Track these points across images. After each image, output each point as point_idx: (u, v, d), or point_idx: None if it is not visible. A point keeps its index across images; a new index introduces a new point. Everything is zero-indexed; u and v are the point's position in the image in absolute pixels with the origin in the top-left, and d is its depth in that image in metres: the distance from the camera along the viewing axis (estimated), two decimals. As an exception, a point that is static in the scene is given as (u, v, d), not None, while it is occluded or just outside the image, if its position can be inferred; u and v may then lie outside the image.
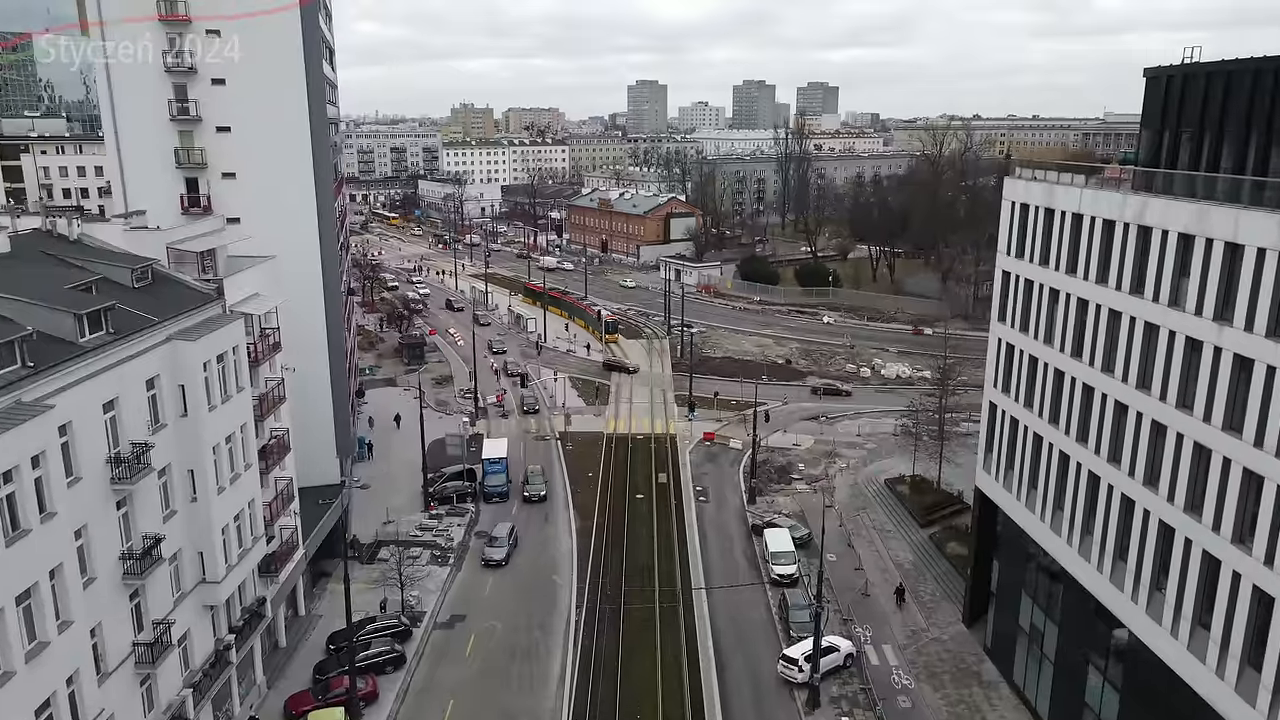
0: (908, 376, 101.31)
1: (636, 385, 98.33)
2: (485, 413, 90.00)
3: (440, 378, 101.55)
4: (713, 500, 70.47)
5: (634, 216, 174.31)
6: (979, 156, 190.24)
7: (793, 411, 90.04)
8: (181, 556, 37.76)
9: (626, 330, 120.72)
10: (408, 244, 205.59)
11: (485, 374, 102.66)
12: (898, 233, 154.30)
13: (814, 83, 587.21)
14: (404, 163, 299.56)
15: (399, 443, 79.86)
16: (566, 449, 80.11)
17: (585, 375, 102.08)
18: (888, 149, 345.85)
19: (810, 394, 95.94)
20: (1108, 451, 37.71)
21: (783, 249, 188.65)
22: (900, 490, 68.84)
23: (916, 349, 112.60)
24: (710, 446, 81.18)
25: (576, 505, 69.09)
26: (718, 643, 51.20)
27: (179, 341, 36.18)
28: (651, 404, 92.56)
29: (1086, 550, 39.25)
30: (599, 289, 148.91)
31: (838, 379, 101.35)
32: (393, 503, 68.64)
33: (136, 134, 53.25)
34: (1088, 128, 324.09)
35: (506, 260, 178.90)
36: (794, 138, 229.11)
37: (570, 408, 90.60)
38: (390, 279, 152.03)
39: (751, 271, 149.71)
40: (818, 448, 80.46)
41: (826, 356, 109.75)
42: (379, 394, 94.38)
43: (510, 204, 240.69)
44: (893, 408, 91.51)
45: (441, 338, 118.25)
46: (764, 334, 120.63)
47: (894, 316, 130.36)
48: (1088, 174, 42.69)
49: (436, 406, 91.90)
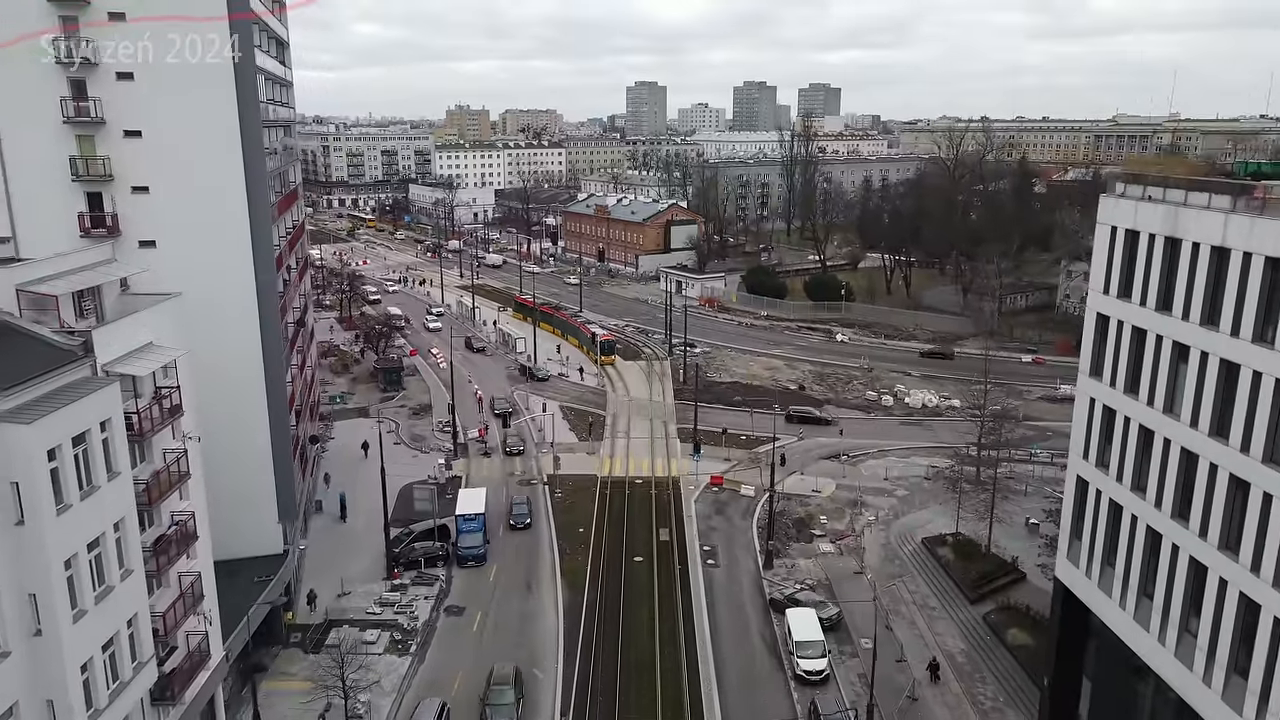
0: (935, 406, 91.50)
1: (635, 417, 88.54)
2: (465, 450, 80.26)
3: (418, 407, 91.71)
4: (723, 564, 60.69)
5: (632, 224, 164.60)
6: (998, 160, 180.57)
7: (809, 449, 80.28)
8: (19, 712, 28.01)
9: (624, 350, 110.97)
10: (396, 252, 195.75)
11: (468, 400, 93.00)
12: (910, 241, 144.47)
13: (816, 84, 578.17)
14: (395, 166, 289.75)
15: (365, 483, 70.14)
16: (555, 497, 70.34)
17: (578, 404, 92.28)
18: (894, 151, 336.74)
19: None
20: (1272, 572, 27.97)
21: (789, 257, 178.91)
22: (942, 554, 59.01)
23: (941, 372, 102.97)
24: (718, 493, 71.44)
25: (565, 571, 59.27)
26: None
27: (5, 425, 26.46)
28: (651, 439, 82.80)
29: (1235, 698, 29.48)
30: (595, 302, 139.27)
31: (858, 408, 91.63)
32: (351, 568, 58.84)
33: (20, 139, 43.50)
34: (1099, 129, 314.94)
35: (499, 270, 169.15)
36: (799, 140, 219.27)
37: (561, 444, 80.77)
38: (372, 291, 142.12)
39: (757, 283, 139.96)
40: (841, 494, 70.70)
41: (843, 381, 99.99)
42: (349, 428, 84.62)
43: (504, 209, 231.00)
44: (922, 444, 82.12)
45: (423, 359, 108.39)
46: (773, 354, 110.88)
47: (912, 334, 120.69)
48: (1216, 192, 32.87)
49: (411, 442, 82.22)
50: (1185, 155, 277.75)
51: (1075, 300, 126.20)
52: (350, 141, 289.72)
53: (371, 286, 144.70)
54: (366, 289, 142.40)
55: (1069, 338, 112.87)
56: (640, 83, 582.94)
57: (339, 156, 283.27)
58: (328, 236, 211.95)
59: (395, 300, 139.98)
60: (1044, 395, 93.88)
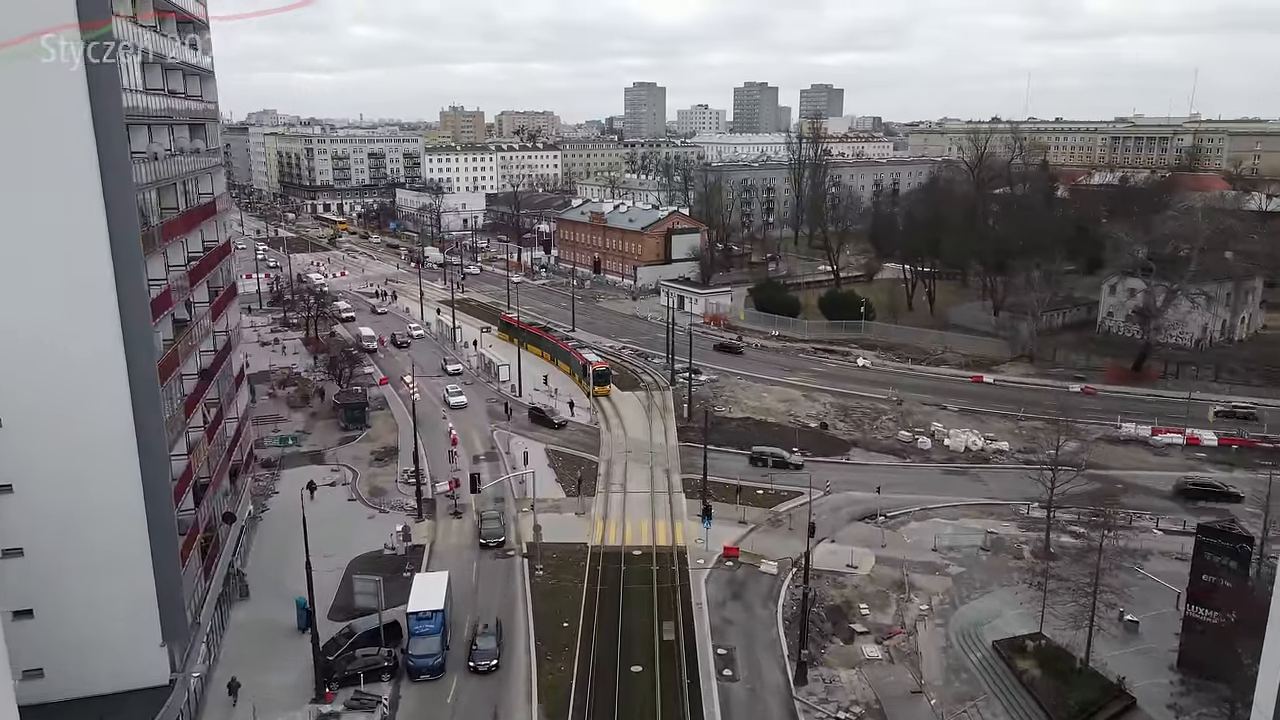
0: (980, 449, 79.05)
1: (633, 464, 76.11)
2: (432, 508, 67.86)
3: (382, 451, 79.23)
4: (743, 674, 48.21)
5: (630, 233, 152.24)
6: (1027, 164, 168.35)
7: (838, 506, 67.90)
8: None
9: (620, 377, 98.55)
10: (378, 262, 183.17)
11: (440, 440, 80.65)
12: (930, 251, 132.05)
13: (818, 84, 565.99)
14: (382, 170, 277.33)
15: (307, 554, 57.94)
16: (535, 576, 57.86)
17: (567, 447, 79.83)
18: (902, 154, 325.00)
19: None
20: None
21: (798, 268, 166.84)
22: (1024, 668, 46.41)
23: (981, 404, 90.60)
24: (733, 569, 59.01)
25: (544, 688, 46.86)
26: None
27: None
28: (652, 493, 70.38)
29: None
30: (590, 319, 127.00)
31: (891, 451, 79.21)
32: (273, 681, 46.43)
33: None
34: (1116, 131, 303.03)
35: (489, 281, 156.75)
36: (807, 142, 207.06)
37: (544, 500, 68.14)
38: (346, 309, 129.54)
39: (767, 299, 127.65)
40: (883, 571, 58.26)
41: (870, 417, 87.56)
42: (298, 478, 72.06)
43: (496, 215, 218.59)
44: (970, 499, 69.68)
45: (394, 389, 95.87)
46: (789, 382, 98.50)
47: (941, 357, 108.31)
48: None
49: (370, 498, 69.81)
50: (1208, 158, 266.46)
51: (1119, 318, 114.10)
52: (335, 144, 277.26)
53: (345, 303, 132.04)
54: (339, 305, 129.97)
55: (1119, 362, 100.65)
56: (639, 84, 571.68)
57: (324, 159, 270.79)
58: (306, 245, 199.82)
59: (373, 319, 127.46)
60: (1104, 435, 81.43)
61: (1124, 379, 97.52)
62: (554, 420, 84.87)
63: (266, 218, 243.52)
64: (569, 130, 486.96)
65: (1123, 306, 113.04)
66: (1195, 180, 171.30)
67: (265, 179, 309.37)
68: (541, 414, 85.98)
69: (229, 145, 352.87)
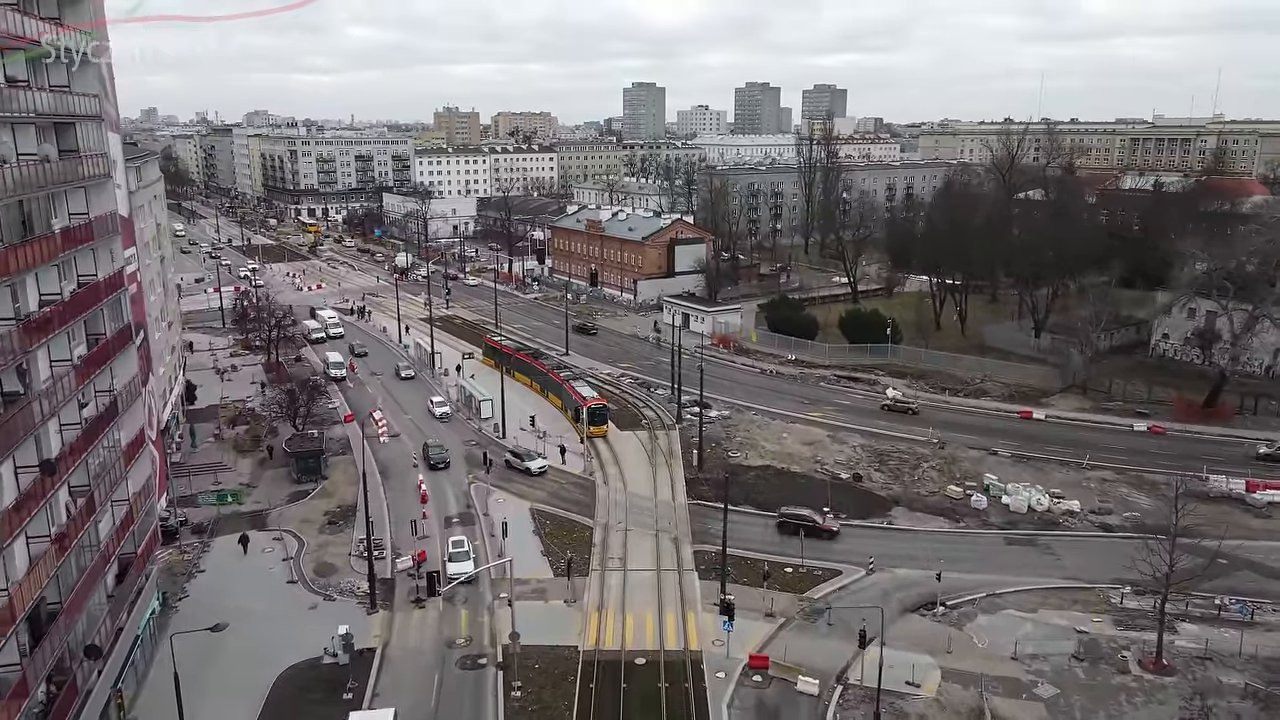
0: (1045, 509, 66.71)
1: (635, 529, 63.71)
2: (390, 593, 55.54)
3: (338, 511, 66.83)
4: None
5: (630, 243, 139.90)
6: (1063, 168, 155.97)
7: (886, 590, 55.54)
8: None
9: (619, 412, 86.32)
10: (359, 274, 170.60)
11: (408, 497, 68.52)
12: (953, 262, 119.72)
13: (820, 85, 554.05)
14: (370, 173, 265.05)
15: (234, 648, 45.88)
16: (512, 696, 45.52)
17: (557, 506, 67.52)
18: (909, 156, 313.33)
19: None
20: None
21: (811, 280, 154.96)
22: None
23: (1035, 447, 78.43)
24: (762, 685, 46.61)
25: None
26: None
27: None
28: (658, 571, 57.95)
29: None
30: (586, 340, 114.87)
31: (939, 512, 66.87)
32: None
33: None
34: (1135, 132, 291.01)
35: (478, 295, 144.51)
36: (819, 144, 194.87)
37: (526, 582, 55.71)
38: (315, 328, 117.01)
39: (781, 318, 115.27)
40: (952, 690, 45.91)
41: (910, 465, 75.24)
42: (227, 553, 59.91)
43: (487, 221, 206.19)
44: (1047, 580, 57.28)
45: (359, 428, 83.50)
46: (811, 419, 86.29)
47: (981, 387, 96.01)
48: None
49: (315, 579, 57.41)
50: (1233, 160, 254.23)
51: (1176, 341, 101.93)
52: (320, 146, 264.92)
53: (314, 322, 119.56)
54: (309, 325, 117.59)
55: (1186, 395, 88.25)
56: (638, 84, 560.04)
57: (308, 162, 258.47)
58: (284, 254, 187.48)
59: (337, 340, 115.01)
60: (1188, 490, 69.12)
61: (1194, 415, 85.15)
62: (531, 468, 72.53)
63: (245, 224, 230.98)
64: (567, 132, 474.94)
65: (1180, 328, 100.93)
66: (1237, 184, 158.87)
67: (250, 183, 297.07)
68: (517, 460, 73.90)
69: (213, 148, 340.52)
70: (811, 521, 62.15)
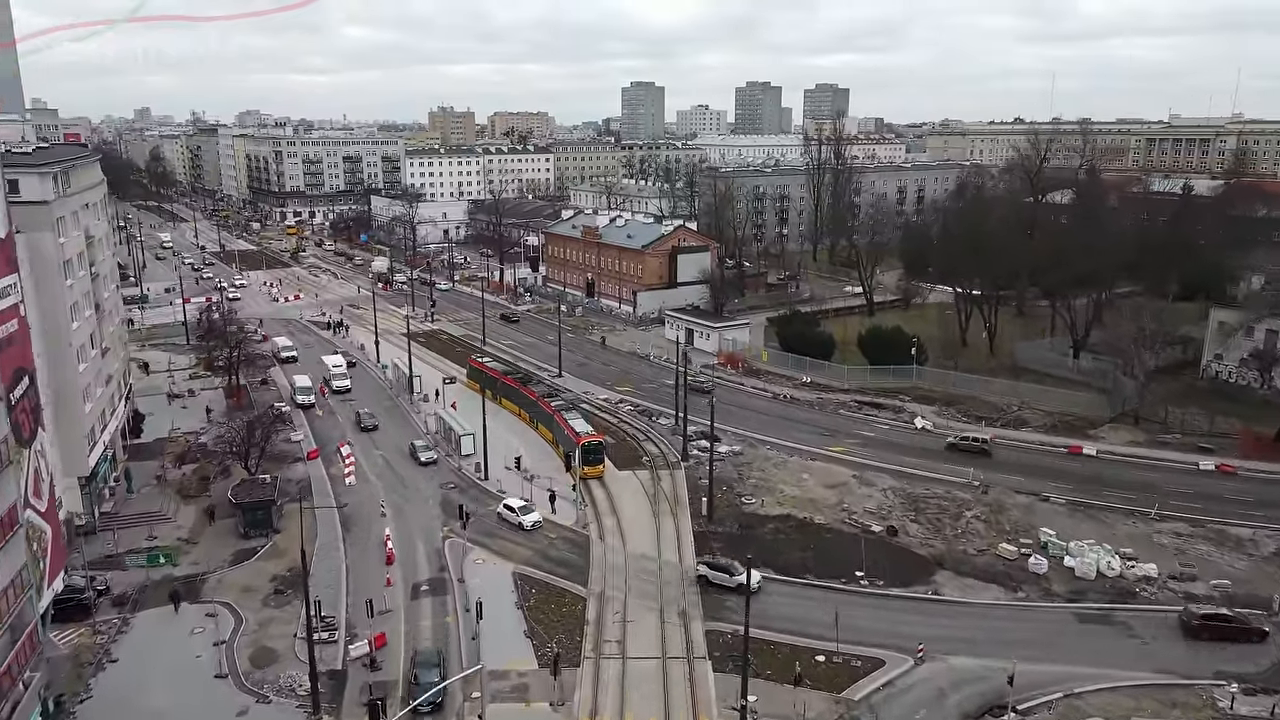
0: (1118, 573, 56.92)
1: (635, 600, 53.87)
2: (339, 692, 45.72)
3: (287, 577, 56.82)
4: None
5: (629, 251, 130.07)
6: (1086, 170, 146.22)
7: (941, 690, 45.69)
8: None
9: (618, 448, 76.58)
10: (340, 282, 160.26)
11: (372, 555, 58.77)
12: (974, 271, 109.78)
13: (823, 84, 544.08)
14: (359, 174, 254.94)
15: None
16: None
17: (542, 570, 57.60)
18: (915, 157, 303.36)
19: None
20: None
21: (820, 289, 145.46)
22: None
23: (1091, 491, 68.73)
24: (799, 832, 36.97)
25: None
26: None
27: None
28: (664, 659, 48.13)
29: None
30: (581, 359, 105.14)
31: (991, 578, 56.95)
32: None
33: None
34: (1151, 132, 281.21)
35: (467, 307, 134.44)
36: (827, 144, 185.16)
37: (506, 675, 45.99)
38: (286, 347, 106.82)
39: (794, 335, 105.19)
40: (1038, 840, 36.26)
41: (950, 514, 65.38)
42: (156, 623, 50.20)
43: (480, 225, 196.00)
44: (1132, 673, 47.39)
45: (324, 467, 73.68)
46: (833, 455, 76.50)
47: (1019, 416, 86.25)
48: None
49: (248, 675, 47.40)
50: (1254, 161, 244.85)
51: (1231, 362, 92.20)
52: (307, 146, 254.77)
53: (285, 339, 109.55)
54: (279, 342, 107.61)
55: (1256, 427, 78.40)
56: (636, 83, 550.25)
57: (294, 163, 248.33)
58: (264, 261, 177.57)
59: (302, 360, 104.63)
60: (1278, 550, 59.47)
61: (1266, 451, 75.40)
62: (525, 524, 62.79)
63: (226, 228, 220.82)
64: (564, 132, 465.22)
65: (1236, 347, 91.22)
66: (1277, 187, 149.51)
67: (235, 185, 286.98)
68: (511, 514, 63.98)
69: (200, 148, 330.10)
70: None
